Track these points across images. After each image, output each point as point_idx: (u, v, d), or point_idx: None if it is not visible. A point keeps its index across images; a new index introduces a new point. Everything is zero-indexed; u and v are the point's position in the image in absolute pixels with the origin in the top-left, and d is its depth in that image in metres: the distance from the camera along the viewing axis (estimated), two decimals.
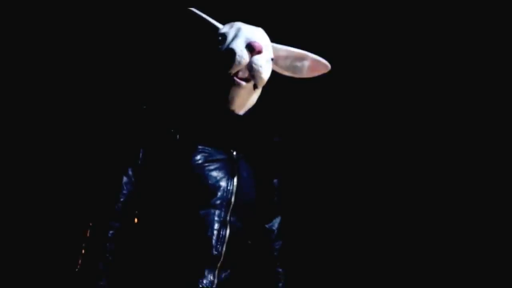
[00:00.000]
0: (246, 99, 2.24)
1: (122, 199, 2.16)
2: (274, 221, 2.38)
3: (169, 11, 2.36)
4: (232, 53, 2.15)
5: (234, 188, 2.21)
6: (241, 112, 2.27)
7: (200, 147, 2.19)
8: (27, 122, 3.18)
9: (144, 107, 2.26)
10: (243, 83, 2.18)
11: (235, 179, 2.22)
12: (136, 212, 2.20)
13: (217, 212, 2.17)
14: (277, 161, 2.40)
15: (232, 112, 2.24)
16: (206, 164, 2.18)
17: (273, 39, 2.33)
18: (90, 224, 2.15)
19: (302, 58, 2.42)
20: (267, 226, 2.37)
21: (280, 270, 2.38)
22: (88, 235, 2.14)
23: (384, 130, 3.41)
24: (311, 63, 2.43)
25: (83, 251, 2.14)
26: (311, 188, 3.41)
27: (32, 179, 3.19)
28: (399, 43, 3.37)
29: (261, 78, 2.20)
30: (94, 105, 3.18)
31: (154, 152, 2.19)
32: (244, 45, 2.16)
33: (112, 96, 3.17)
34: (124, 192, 2.17)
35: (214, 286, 2.17)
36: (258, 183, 2.30)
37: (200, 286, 2.15)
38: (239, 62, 2.15)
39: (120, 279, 2.14)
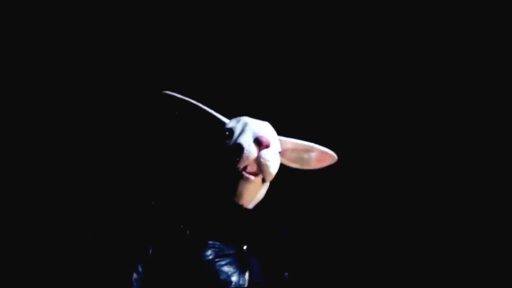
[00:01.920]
0: (254, 193, 2.25)
1: None
2: None
3: (175, 106, 2.38)
4: (240, 148, 2.17)
5: (246, 283, 2.19)
6: (250, 206, 2.27)
7: (210, 242, 2.19)
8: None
9: (153, 203, 2.27)
10: (252, 177, 2.20)
11: (246, 274, 2.20)
12: None
13: None
14: (286, 254, 2.39)
15: (241, 206, 2.25)
16: (217, 260, 2.17)
17: (280, 132, 2.36)
18: None
19: (309, 150, 2.43)
20: None
21: None
22: None
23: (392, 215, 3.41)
24: (318, 155, 2.44)
25: None
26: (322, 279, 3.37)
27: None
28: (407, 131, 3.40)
29: (269, 172, 2.21)
30: (103, 201, 3.18)
31: (164, 248, 2.19)
32: (251, 139, 2.18)
33: (120, 192, 3.17)
34: None
35: None
36: (269, 277, 2.28)
37: None
38: (247, 157, 2.16)
39: None
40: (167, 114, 2.41)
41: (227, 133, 2.25)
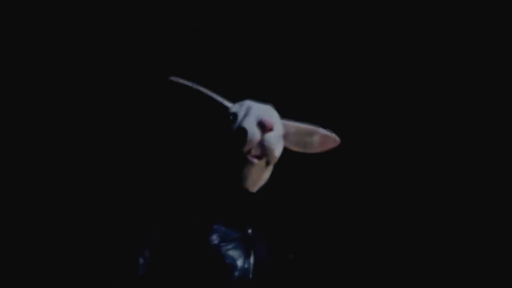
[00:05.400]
0: (259, 177, 2.26)
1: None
2: None
3: (178, 91, 2.38)
4: (243, 132, 2.18)
5: (251, 267, 2.20)
6: (254, 189, 2.28)
7: (215, 226, 2.20)
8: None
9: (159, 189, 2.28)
10: (256, 160, 2.20)
11: (252, 258, 2.21)
12: None
13: None
14: (291, 236, 2.41)
15: (245, 190, 2.26)
16: (223, 244, 2.18)
17: (282, 115, 2.36)
18: None
19: (311, 134, 2.42)
20: None
21: None
22: None
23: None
24: (320, 138, 2.44)
25: None
26: (327, 260, 3.38)
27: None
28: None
29: (273, 155, 2.22)
30: (112, 191, 3.20)
31: (170, 233, 2.20)
32: (255, 123, 2.19)
33: (126, 178, 3.19)
34: (140, 274, 2.17)
35: None
36: (275, 260, 2.29)
37: None
38: (251, 140, 2.17)
39: None
40: (171, 100, 2.40)
41: (230, 117, 2.26)
